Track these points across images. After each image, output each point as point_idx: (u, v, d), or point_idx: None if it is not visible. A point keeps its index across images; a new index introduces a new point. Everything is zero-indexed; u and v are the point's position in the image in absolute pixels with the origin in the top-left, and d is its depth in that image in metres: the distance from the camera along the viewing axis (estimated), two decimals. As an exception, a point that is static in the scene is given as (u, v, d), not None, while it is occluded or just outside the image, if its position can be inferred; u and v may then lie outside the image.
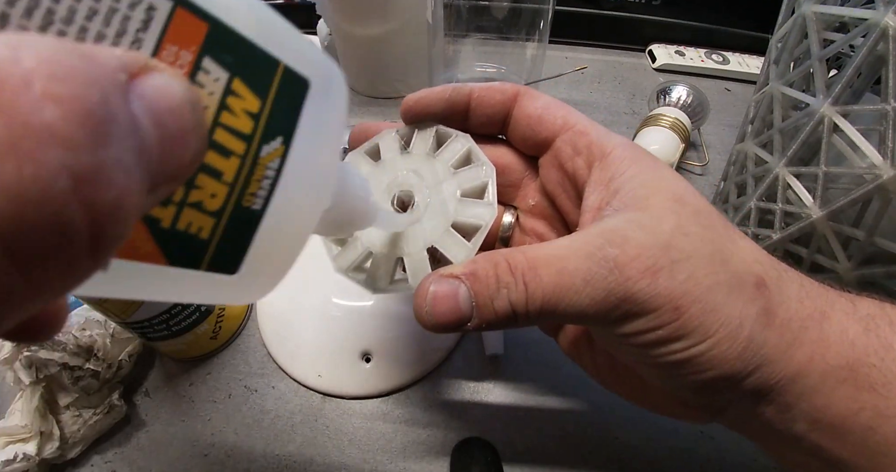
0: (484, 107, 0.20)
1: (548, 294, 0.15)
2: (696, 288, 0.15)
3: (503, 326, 0.16)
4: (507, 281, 0.16)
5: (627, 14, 0.57)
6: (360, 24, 0.46)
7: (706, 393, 0.17)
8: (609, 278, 0.15)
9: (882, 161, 0.23)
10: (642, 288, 0.15)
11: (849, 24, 0.26)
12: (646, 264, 0.15)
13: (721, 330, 0.15)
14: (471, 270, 0.16)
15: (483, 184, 0.19)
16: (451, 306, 0.16)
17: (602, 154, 0.18)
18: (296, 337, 0.32)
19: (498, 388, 0.31)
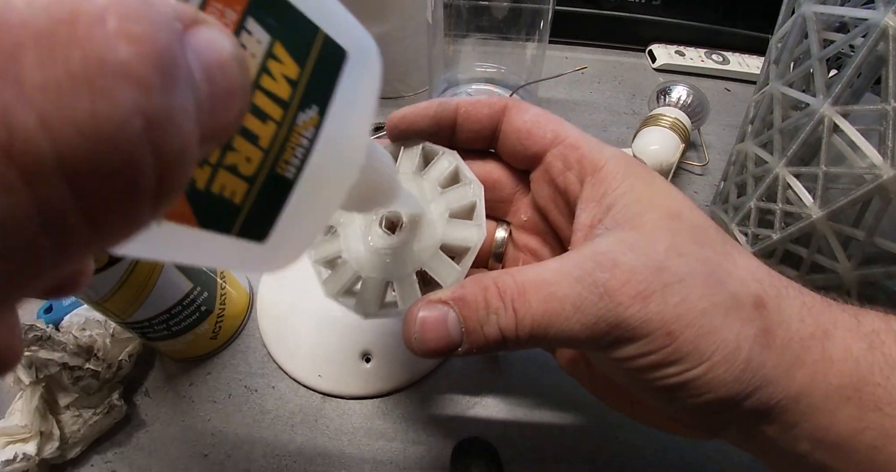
0: (471, 122, 0.20)
1: (537, 320, 0.15)
2: (689, 312, 0.15)
3: (493, 350, 0.16)
4: (496, 306, 0.16)
5: (627, 14, 0.57)
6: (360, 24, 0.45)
7: (704, 415, 0.16)
8: (599, 304, 0.15)
9: (882, 161, 0.23)
10: (633, 314, 0.15)
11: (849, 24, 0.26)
12: (636, 289, 0.15)
13: (717, 354, 0.15)
14: (460, 295, 0.16)
15: (471, 203, 0.19)
16: (440, 333, 0.16)
17: (594, 169, 0.18)
18: (296, 337, 0.32)
19: (498, 388, 0.31)
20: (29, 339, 0.27)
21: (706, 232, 0.16)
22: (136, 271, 0.25)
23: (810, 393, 0.15)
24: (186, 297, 0.28)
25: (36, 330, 0.27)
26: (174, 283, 0.27)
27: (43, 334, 0.27)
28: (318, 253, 0.21)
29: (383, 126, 0.45)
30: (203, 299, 0.29)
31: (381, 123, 0.44)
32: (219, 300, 0.30)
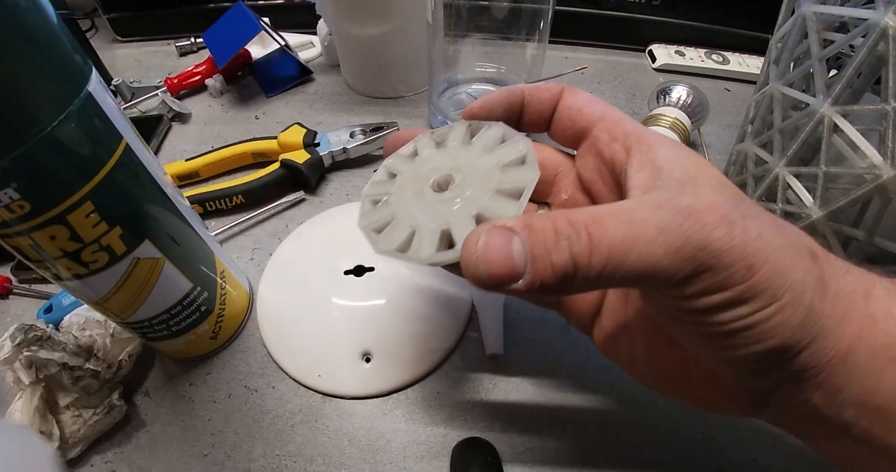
0: (535, 104, 0.21)
1: (615, 245, 0.14)
2: (766, 247, 0.14)
3: (556, 286, 0.15)
4: (567, 233, 0.15)
5: (627, 14, 0.57)
6: (360, 24, 0.46)
7: (757, 370, 0.16)
8: (684, 225, 0.14)
9: (882, 161, 0.23)
10: (719, 237, 0.14)
11: (849, 24, 0.26)
12: (721, 213, 0.14)
13: (787, 295, 0.14)
14: (525, 222, 0.15)
15: (522, 155, 0.19)
16: (504, 256, 0.14)
17: (639, 141, 0.18)
18: (296, 337, 0.32)
19: (498, 388, 0.31)
20: (29, 339, 0.27)
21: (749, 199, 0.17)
22: (136, 271, 0.25)
23: (857, 351, 0.15)
24: (186, 297, 0.28)
25: (36, 330, 0.27)
26: (174, 283, 0.27)
27: (43, 334, 0.27)
28: (365, 220, 0.21)
29: (383, 127, 0.45)
30: (203, 299, 0.29)
31: (381, 123, 0.44)
32: (219, 300, 0.30)
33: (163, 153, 0.47)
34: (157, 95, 0.51)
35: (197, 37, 0.60)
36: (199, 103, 0.53)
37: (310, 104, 0.52)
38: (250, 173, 0.42)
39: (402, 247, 0.19)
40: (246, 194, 0.40)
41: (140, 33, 0.62)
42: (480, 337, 0.32)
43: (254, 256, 0.38)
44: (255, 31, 0.49)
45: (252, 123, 0.50)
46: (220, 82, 0.52)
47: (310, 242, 0.38)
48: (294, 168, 0.41)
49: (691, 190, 0.15)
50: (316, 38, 0.57)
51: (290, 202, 0.41)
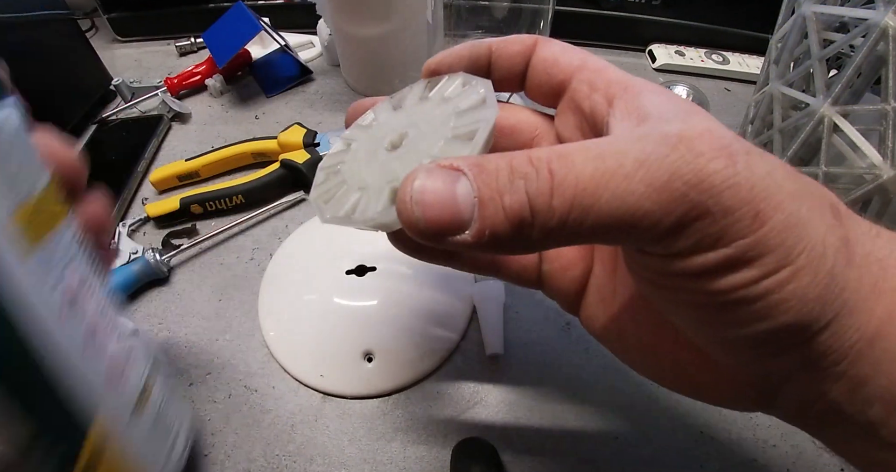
0: (504, 59, 0.19)
1: (583, 182, 0.11)
2: (777, 190, 0.11)
3: (511, 239, 0.12)
4: (524, 171, 0.12)
5: (627, 14, 0.57)
6: (360, 24, 0.46)
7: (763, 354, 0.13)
8: (672, 156, 0.11)
9: (882, 161, 0.23)
10: (718, 170, 0.11)
11: (849, 24, 0.26)
12: (720, 143, 0.11)
13: (804, 256, 0.11)
14: (475, 161, 0.12)
15: (481, 97, 0.17)
16: (445, 198, 0.12)
17: (625, 89, 0.15)
18: (298, 337, 0.32)
19: (498, 388, 0.31)
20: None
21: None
22: None
23: (888, 335, 0.12)
24: None
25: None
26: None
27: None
28: (317, 191, 0.19)
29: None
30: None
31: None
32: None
33: (163, 153, 0.47)
34: (157, 94, 0.51)
35: (197, 37, 0.60)
36: (199, 103, 0.53)
37: (310, 104, 0.52)
38: (250, 173, 0.42)
39: (350, 212, 0.17)
40: (246, 194, 0.40)
41: (140, 33, 0.62)
42: (481, 337, 0.32)
43: (254, 256, 0.38)
44: (255, 31, 0.49)
45: (252, 123, 0.50)
46: (220, 82, 0.52)
47: (310, 242, 0.38)
48: (294, 168, 0.41)
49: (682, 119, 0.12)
50: (316, 38, 0.57)
51: (290, 202, 0.41)
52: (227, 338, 0.33)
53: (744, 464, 0.28)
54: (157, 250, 0.36)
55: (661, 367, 0.17)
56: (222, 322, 0.34)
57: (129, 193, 0.42)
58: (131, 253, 0.37)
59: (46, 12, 0.45)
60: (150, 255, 0.35)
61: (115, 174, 0.43)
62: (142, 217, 0.40)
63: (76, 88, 0.50)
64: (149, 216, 0.40)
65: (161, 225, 0.40)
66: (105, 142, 0.48)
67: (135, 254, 0.37)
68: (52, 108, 0.45)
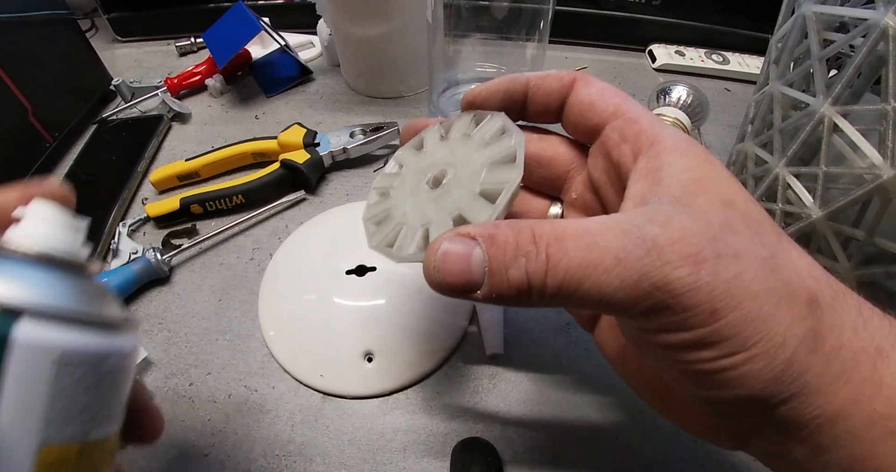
0: (541, 95, 0.20)
1: (572, 270, 0.14)
2: (740, 291, 0.13)
3: (514, 300, 0.15)
4: (527, 249, 0.14)
5: (627, 14, 0.57)
6: (360, 24, 0.46)
7: (731, 413, 0.15)
8: (644, 260, 0.13)
9: (882, 161, 0.23)
10: (681, 277, 0.13)
11: (849, 24, 0.26)
12: (689, 251, 0.13)
13: (759, 345, 0.13)
14: (490, 232, 0.15)
15: (512, 152, 0.18)
16: (461, 268, 0.14)
17: (650, 143, 0.17)
18: (298, 337, 0.32)
19: (498, 388, 0.31)
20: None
21: (760, 223, 0.15)
22: None
23: (850, 416, 0.13)
24: None
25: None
26: None
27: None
28: (368, 212, 0.22)
29: (383, 127, 0.45)
30: None
31: (381, 123, 0.44)
32: None
33: (163, 153, 0.47)
34: (157, 95, 0.51)
35: (197, 37, 0.60)
36: (199, 103, 0.53)
37: (310, 104, 0.52)
38: (250, 173, 0.42)
39: (391, 242, 0.19)
40: (246, 194, 0.40)
41: (140, 33, 0.62)
42: (481, 337, 0.32)
43: (254, 256, 0.38)
44: (255, 31, 0.49)
45: (252, 123, 0.50)
46: (220, 82, 0.52)
47: (310, 242, 0.37)
48: (294, 168, 0.41)
49: (665, 218, 0.14)
50: (316, 38, 0.57)
51: (290, 202, 0.41)
52: (227, 338, 0.33)
53: (743, 464, 0.27)
54: (158, 249, 0.36)
55: (654, 399, 0.20)
56: (222, 322, 0.34)
57: (129, 193, 0.42)
58: (131, 253, 0.37)
59: (46, 12, 0.45)
60: (151, 255, 0.35)
61: (115, 174, 0.43)
62: (142, 217, 0.40)
63: (76, 88, 0.50)
64: (149, 216, 0.40)
65: (161, 225, 0.40)
66: (105, 142, 0.47)
67: (135, 254, 0.37)
68: (52, 108, 0.45)
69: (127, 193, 0.42)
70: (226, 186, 0.40)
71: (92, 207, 0.40)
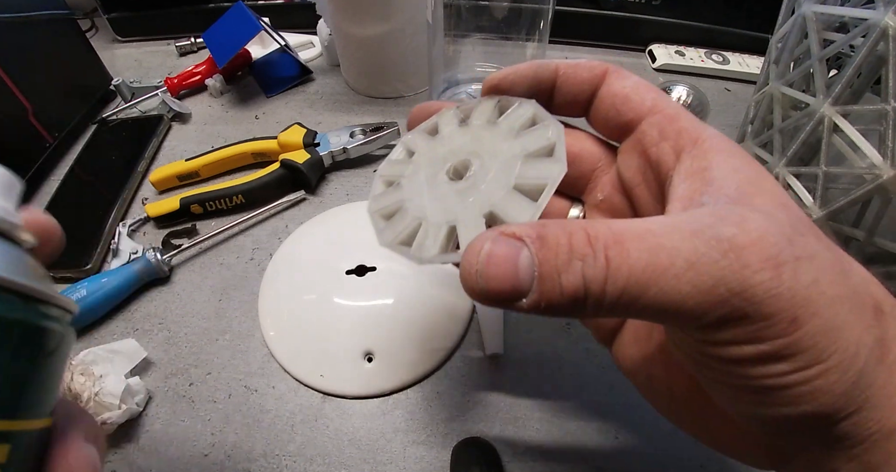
0: (570, 84, 0.19)
1: (636, 274, 0.12)
2: (819, 298, 0.12)
3: (567, 310, 0.13)
4: (583, 252, 0.12)
5: (627, 14, 0.57)
6: (360, 24, 0.46)
7: (788, 432, 0.14)
8: (722, 263, 0.12)
9: (882, 161, 0.23)
10: (762, 281, 0.12)
11: (849, 24, 0.26)
12: (769, 253, 0.12)
13: (836, 356, 0.12)
14: (539, 232, 0.13)
15: (550, 144, 0.17)
16: (507, 271, 0.13)
17: (694, 142, 0.16)
18: (298, 337, 0.32)
19: (498, 388, 0.31)
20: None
21: (815, 226, 0.14)
22: None
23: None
24: None
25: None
26: None
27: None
28: (375, 204, 0.19)
29: (383, 127, 0.45)
30: None
31: (381, 123, 0.44)
32: None
33: (163, 153, 0.47)
34: (157, 95, 0.51)
35: (197, 37, 0.60)
36: (199, 103, 0.53)
37: (310, 104, 0.52)
38: (250, 173, 0.42)
39: (407, 240, 0.17)
40: (246, 194, 0.40)
41: (140, 33, 0.62)
42: (481, 337, 0.32)
43: (254, 256, 0.38)
44: (255, 31, 0.49)
45: (252, 123, 0.50)
46: (220, 82, 0.52)
47: (310, 242, 0.38)
48: (294, 168, 0.41)
49: (739, 217, 0.13)
50: (316, 38, 0.57)
51: (290, 202, 0.41)
52: (227, 338, 0.33)
53: (744, 465, 0.27)
54: (158, 249, 0.36)
55: (685, 413, 0.18)
56: (222, 322, 0.34)
57: (129, 193, 0.43)
58: (131, 253, 0.38)
59: (46, 12, 0.45)
60: (151, 255, 0.35)
61: (115, 174, 0.43)
62: (142, 217, 0.40)
63: (76, 88, 0.50)
64: (149, 216, 0.40)
65: (161, 225, 0.40)
66: (105, 142, 0.48)
67: (135, 254, 0.37)
68: (52, 108, 0.45)
69: (127, 193, 0.42)
70: (226, 186, 0.40)
71: (92, 208, 0.40)
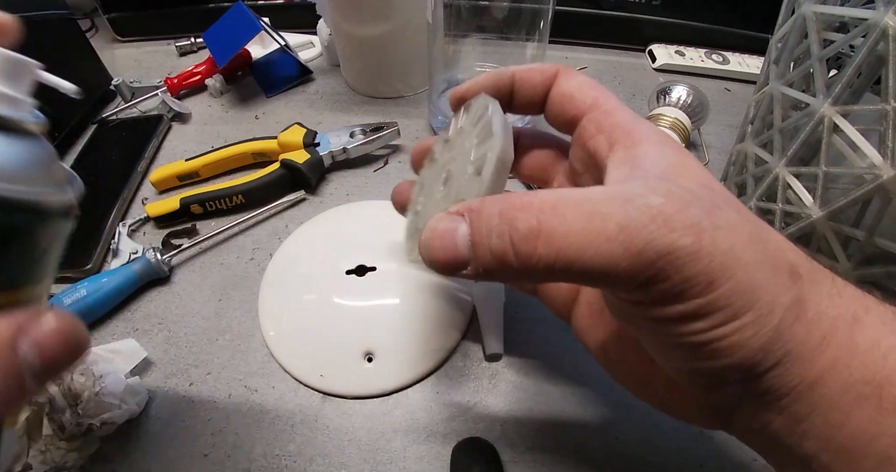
0: (526, 88, 0.21)
1: (570, 238, 0.13)
2: (735, 263, 0.13)
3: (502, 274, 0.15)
4: (511, 216, 0.14)
5: (627, 14, 0.57)
6: (360, 24, 0.46)
7: (717, 385, 0.15)
8: (650, 227, 0.13)
9: (882, 161, 0.23)
10: (685, 245, 0.13)
11: (849, 24, 0.26)
12: (692, 220, 0.13)
13: (750, 314, 0.13)
14: (476, 206, 0.15)
15: (488, 125, 0.19)
16: (445, 244, 0.15)
17: (625, 134, 0.17)
18: (298, 337, 0.32)
19: (498, 388, 0.31)
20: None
21: (739, 204, 0.16)
22: None
23: (827, 382, 0.14)
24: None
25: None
26: None
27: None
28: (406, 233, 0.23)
29: (383, 127, 0.45)
30: None
31: (381, 123, 0.44)
32: None
33: (163, 153, 0.47)
34: (157, 94, 0.51)
35: (197, 37, 0.60)
36: (199, 103, 0.53)
37: (310, 104, 0.52)
38: (250, 173, 0.42)
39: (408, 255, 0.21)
40: (246, 194, 0.40)
41: (140, 33, 0.62)
42: (481, 337, 0.32)
43: (254, 256, 0.38)
44: (255, 31, 0.49)
45: (252, 123, 0.50)
46: (220, 82, 0.52)
47: (310, 242, 0.38)
48: (294, 168, 0.41)
49: (666, 189, 0.14)
50: (316, 38, 0.57)
51: (290, 202, 0.41)
52: (227, 338, 0.33)
53: (743, 464, 0.27)
54: (158, 249, 0.36)
55: (634, 380, 0.20)
56: (222, 322, 0.34)
57: (129, 193, 0.43)
58: (131, 253, 0.38)
59: (46, 12, 0.45)
60: (151, 255, 0.35)
61: (115, 174, 0.43)
62: (142, 217, 0.40)
63: (76, 87, 0.50)
64: (149, 216, 0.40)
65: (161, 225, 0.40)
66: (105, 142, 0.48)
67: (135, 254, 0.37)
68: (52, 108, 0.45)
69: (127, 193, 0.42)
70: (226, 186, 0.40)
71: (92, 207, 0.40)
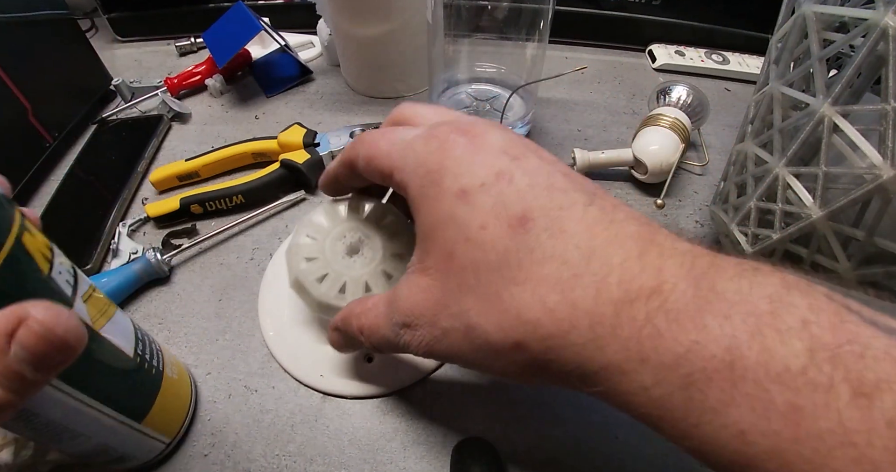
0: (365, 175, 0.24)
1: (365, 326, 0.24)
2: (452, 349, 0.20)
3: (357, 343, 0.25)
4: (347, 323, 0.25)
5: (627, 14, 0.57)
6: (360, 24, 0.46)
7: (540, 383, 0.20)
8: (394, 319, 0.22)
9: (882, 161, 0.23)
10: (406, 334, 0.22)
11: (849, 24, 0.26)
12: (421, 316, 0.21)
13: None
14: (338, 318, 0.26)
15: (395, 223, 0.28)
16: (337, 343, 0.27)
17: (409, 198, 0.21)
18: (298, 337, 0.32)
19: (498, 388, 0.31)
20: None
21: (476, 269, 0.18)
22: None
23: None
24: None
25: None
26: None
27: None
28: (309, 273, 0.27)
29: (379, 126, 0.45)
30: None
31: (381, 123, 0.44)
32: None
33: (163, 153, 0.47)
34: (157, 94, 0.51)
35: (197, 37, 0.60)
36: (199, 103, 0.53)
37: (310, 104, 0.52)
38: (250, 173, 0.42)
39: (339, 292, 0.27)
40: (246, 194, 0.40)
41: (140, 33, 0.62)
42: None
43: (254, 256, 0.38)
44: (255, 31, 0.49)
45: (252, 123, 0.50)
46: (220, 82, 0.53)
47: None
48: (294, 168, 0.41)
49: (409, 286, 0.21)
50: (316, 38, 0.57)
51: (290, 202, 0.41)
52: (227, 338, 0.33)
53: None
54: (158, 249, 0.36)
55: None
56: (222, 322, 0.34)
57: (129, 193, 0.43)
58: (131, 253, 0.37)
59: (46, 12, 0.45)
60: (151, 255, 0.35)
61: (115, 174, 0.43)
62: (142, 217, 0.40)
63: (76, 88, 0.50)
64: (149, 216, 0.40)
65: (161, 225, 0.40)
66: (105, 142, 0.48)
67: (135, 254, 0.37)
68: (52, 108, 0.45)
69: (127, 193, 0.42)
70: (226, 186, 0.40)
71: (92, 207, 0.40)
